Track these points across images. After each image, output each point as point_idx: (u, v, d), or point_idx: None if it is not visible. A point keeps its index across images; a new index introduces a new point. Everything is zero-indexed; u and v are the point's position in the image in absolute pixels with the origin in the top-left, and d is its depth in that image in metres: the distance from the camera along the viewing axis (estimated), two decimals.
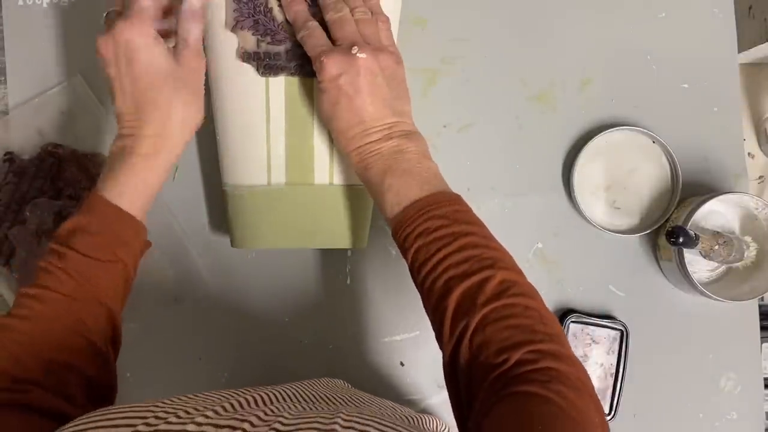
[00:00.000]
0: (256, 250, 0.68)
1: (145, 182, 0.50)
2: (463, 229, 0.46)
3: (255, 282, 0.69)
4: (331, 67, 0.50)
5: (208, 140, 0.68)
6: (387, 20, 0.55)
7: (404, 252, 0.48)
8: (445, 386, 0.45)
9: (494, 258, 0.45)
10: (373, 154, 0.51)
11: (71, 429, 0.33)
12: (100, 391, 0.48)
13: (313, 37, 0.53)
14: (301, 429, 0.35)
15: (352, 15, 0.53)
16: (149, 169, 0.50)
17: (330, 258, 0.69)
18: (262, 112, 0.57)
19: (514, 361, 0.39)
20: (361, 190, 0.61)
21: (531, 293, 0.44)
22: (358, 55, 0.50)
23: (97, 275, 0.48)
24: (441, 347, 0.45)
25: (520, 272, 0.45)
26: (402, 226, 0.48)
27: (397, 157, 0.50)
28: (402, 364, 0.69)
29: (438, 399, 0.68)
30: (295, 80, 0.57)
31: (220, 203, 0.66)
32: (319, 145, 0.59)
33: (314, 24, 0.53)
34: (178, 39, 0.51)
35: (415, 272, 0.48)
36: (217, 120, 0.59)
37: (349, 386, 0.61)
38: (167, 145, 0.51)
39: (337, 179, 0.60)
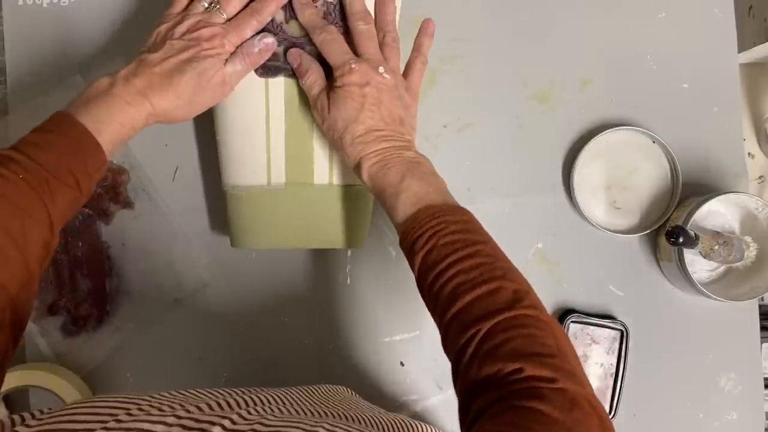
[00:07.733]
0: (256, 250, 0.68)
1: (123, 126, 0.50)
2: (476, 238, 0.46)
3: (255, 282, 0.69)
4: (361, 75, 0.53)
5: (208, 140, 0.68)
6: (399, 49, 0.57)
7: (413, 255, 0.47)
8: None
9: (505, 269, 0.45)
10: (394, 156, 0.52)
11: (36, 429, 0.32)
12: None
13: (338, 43, 0.55)
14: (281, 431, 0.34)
15: (383, 38, 0.56)
16: (131, 118, 0.50)
17: (330, 258, 0.69)
18: (261, 112, 0.57)
19: (528, 374, 0.38)
20: (360, 191, 0.61)
21: (542, 307, 0.44)
22: (384, 74, 0.54)
23: (55, 194, 0.46)
24: (447, 354, 0.45)
25: (530, 287, 0.45)
26: (414, 226, 0.47)
27: (415, 165, 0.52)
28: (402, 364, 0.69)
29: (437, 399, 0.68)
30: (294, 81, 0.57)
31: (220, 204, 0.66)
32: (319, 145, 0.59)
33: (334, 29, 0.55)
34: (239, 54, 0.54)
35: (422, 277, 0.47)
36: (217, 120, 0.59)
37: (352, 393, 0.60)
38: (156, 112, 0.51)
39: (337, 179, 0.60)
